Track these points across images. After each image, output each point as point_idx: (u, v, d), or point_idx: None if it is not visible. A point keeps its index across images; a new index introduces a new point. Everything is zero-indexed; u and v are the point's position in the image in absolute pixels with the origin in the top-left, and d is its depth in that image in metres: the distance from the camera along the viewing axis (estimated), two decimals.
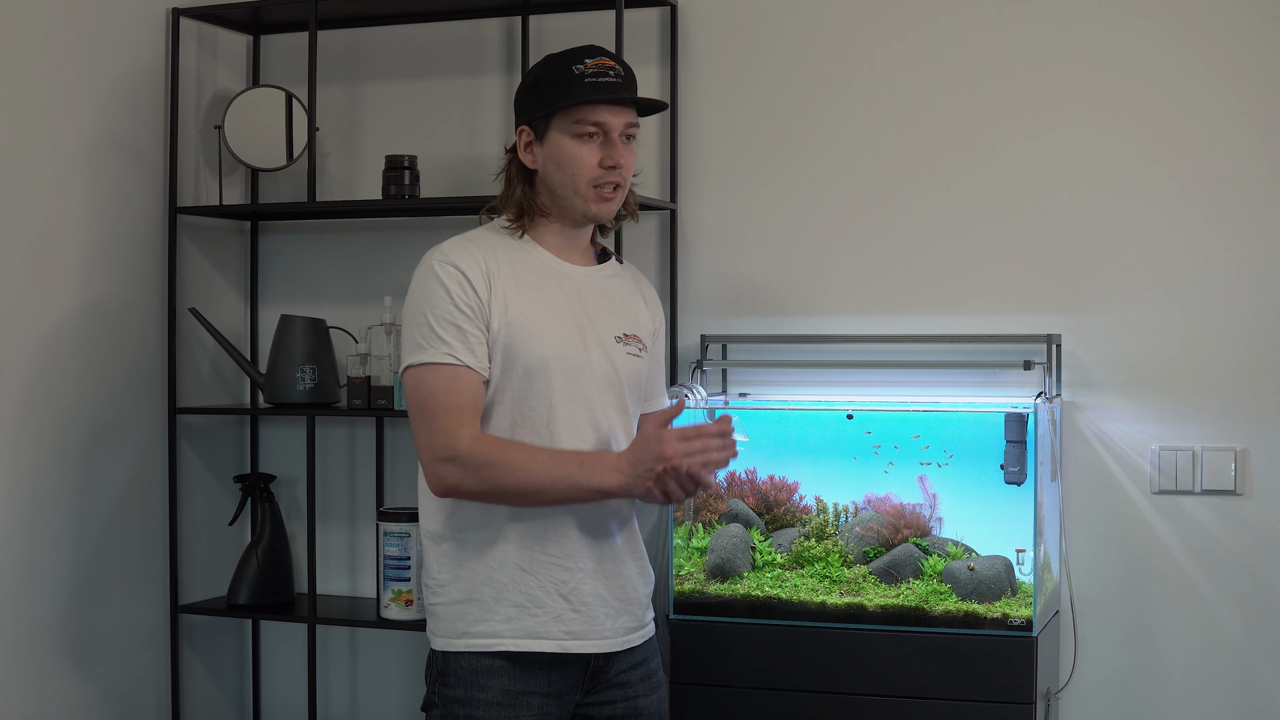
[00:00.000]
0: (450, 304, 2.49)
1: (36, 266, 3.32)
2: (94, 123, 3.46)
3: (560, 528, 2.55)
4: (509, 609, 2.52)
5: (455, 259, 2.52)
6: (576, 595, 2.55)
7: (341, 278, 3.81)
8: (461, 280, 2.50)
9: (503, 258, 2.56)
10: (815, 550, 3.19)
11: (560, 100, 2.54)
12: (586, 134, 2.55)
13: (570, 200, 2.58)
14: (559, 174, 2.57)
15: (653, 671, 2.68)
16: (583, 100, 2.53)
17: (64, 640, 3.39)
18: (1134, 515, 3.29)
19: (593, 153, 2.56)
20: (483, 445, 2.45)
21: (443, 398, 2.47)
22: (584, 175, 2.56)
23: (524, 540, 2.53)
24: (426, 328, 2.49)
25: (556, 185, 2.58)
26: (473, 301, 2.50)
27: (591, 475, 2.44)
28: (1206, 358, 3.25)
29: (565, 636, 2.54)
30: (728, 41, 3.55)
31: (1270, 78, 3.21)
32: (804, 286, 3.49)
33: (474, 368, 2.49)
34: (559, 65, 2.58)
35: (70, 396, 3.40)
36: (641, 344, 2.68)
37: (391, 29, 3.79)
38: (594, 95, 2.54)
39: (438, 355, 2.48)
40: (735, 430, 2.47)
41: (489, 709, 2.51)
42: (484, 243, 2.58)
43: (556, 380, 2.53)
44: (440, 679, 2.56)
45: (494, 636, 2.52)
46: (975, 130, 3.39)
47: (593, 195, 2.57)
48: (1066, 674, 3.31)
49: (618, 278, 2.72)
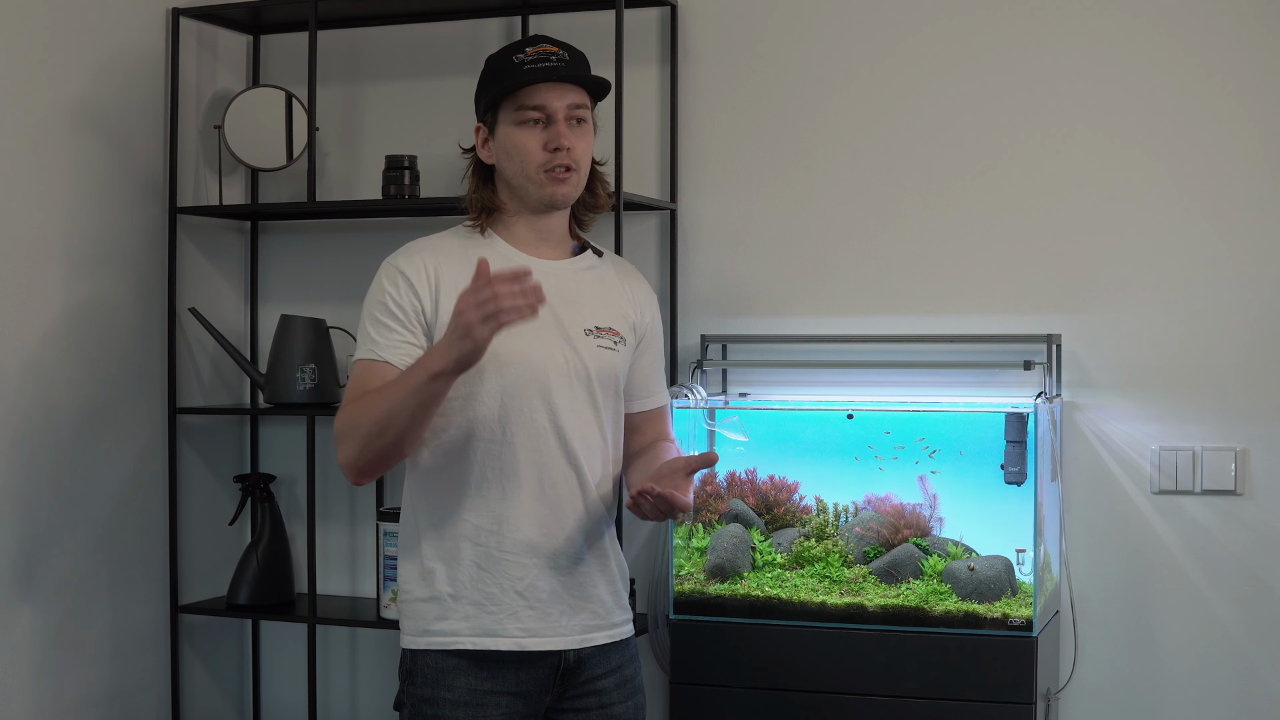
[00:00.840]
0: (383, 304, 2.54)
1: (36, 266, 3.32)
2: (94, 122, 3.46)
3: (516, 525, 2.54)
4: (467, 607, 2.53)
5: (400, 263, 2.57)
6: (532, 592, 2.54)
7: (341, 278, 3.81)
8: (399, 282, 2.55)
9: (457, 258, 2.57)
10: (815, 550, 3.19)
11: (500, 89, 2.56)
12: (530, 119, 2.55)
13: (525, 188, 2.59)
14: (509, 163, 2.58)
15: (629, 678, 2.66)
16: (519, 84, 2.54)
17: (64, 640, 3.39)
18: (1134, 515, 3.29)
19: (536, 137, 2.56)
20: (343, 413, 2.49)
21: (353, 389, 2.52)
22: (531, 160, 2.56)
23: (480, 538, 2.54)
24: (364, 326, 2.56)
25: (510, 175, 2.59)
26: (406, 303, 2.53)
27: (417, 369, 2.39)
28: (1206, 358, 3.25)
29: (522, 634, 2.54)
30: (728, 41, 3.55)
31: (1270, 78, 3.21)
32: (804, 286, 3.49)
33: (391, 362, 2.51)
34: (500, 58, 2.60)
35: (70, 396, 3.40)
36: (619, 337, 2.65)
37: (391, 29, 3.79)
38: (530, 78, 2.54)
39: (364, 351, 2.55)
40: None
41: (456, 709, 2.51)
42: (439, 246, 2.61)
43: (508, 375, 2.53)
44: (409, 678, 2.57)
45: (453, 635, 2.53)
46: (975, 130, 3.39)
47: (544, 179, 2.57)
48: (1066, 674, 3.31)
49: (594, 270, 2.69)
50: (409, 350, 2.51)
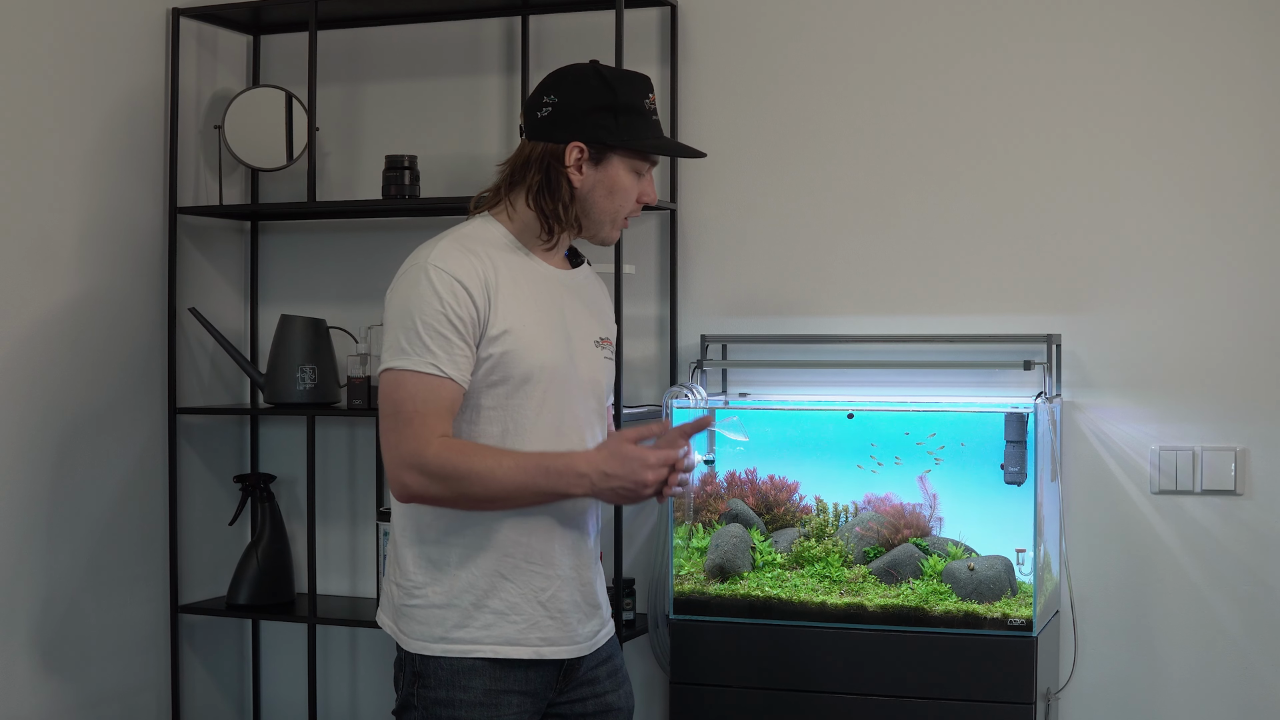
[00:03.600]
0: (442, 314, 2.44)
1: (36, 266, 3.32)
2: (94, 123, 3.46)
3: (542, 534, 2.53)
4: (488, 615, 2.51)
5: (453, 268, 2.47)
6: (554, 602, 2.54)
7: (341, 278, 3.81)
8: (458, 291, 2.45)
9: (500, 263, 2.52)
10: (815, 550, 3.19)
11: (636, 139, 2.53)
12: (642, 171, 2.57)
13: (601, 224, 2.57)
14: (607, 201, 2.55)
15: (618, 667, 2.68)
16: (658, 150, 2.57)
17: (64, 640, 3.39)
18: (1134, 515, 3.29)
19: (637, 186, 2.57)
20: (449, 454, 2.43)
21: (420, 404, 2.44)
22: (625, 207, 2.57)
23: (505, 547, 2.52)
24: (413, 333, 2.45)
25: (597, 210, 2.55)
26: (465, 314, 2.45)
27: (556, 483, 2.45)
28: (1206, 358, 3.25)
29: (541, 643, 2.53)
30: (728, 41, 3.55)
31: (1270, 78, 3.21)
32: (804, 286, 3.49)
33: (456, 380, 2.46)
34: (629, 94, 2.53)
35: (70, 396, 3.40)
36: (611, 346, 2.68)
37: (391, 29, 3.79)
38: (668, 149, 2.60)
39: (421, 364, 2.44)
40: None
41: (472, 709, 2.50)
42: (480, 247, 2.52)
43: (547, 389, 2.52)
44: (418, 680, 2.54)
45: (473, 643, 2.51)
46: (975, 130, 3.39)
47: (619, 224, 2.59)
48: (1066, 674, 3.31)
49: (590, 281, 2.70)
50: (468, 364, 2.47)
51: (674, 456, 2.45)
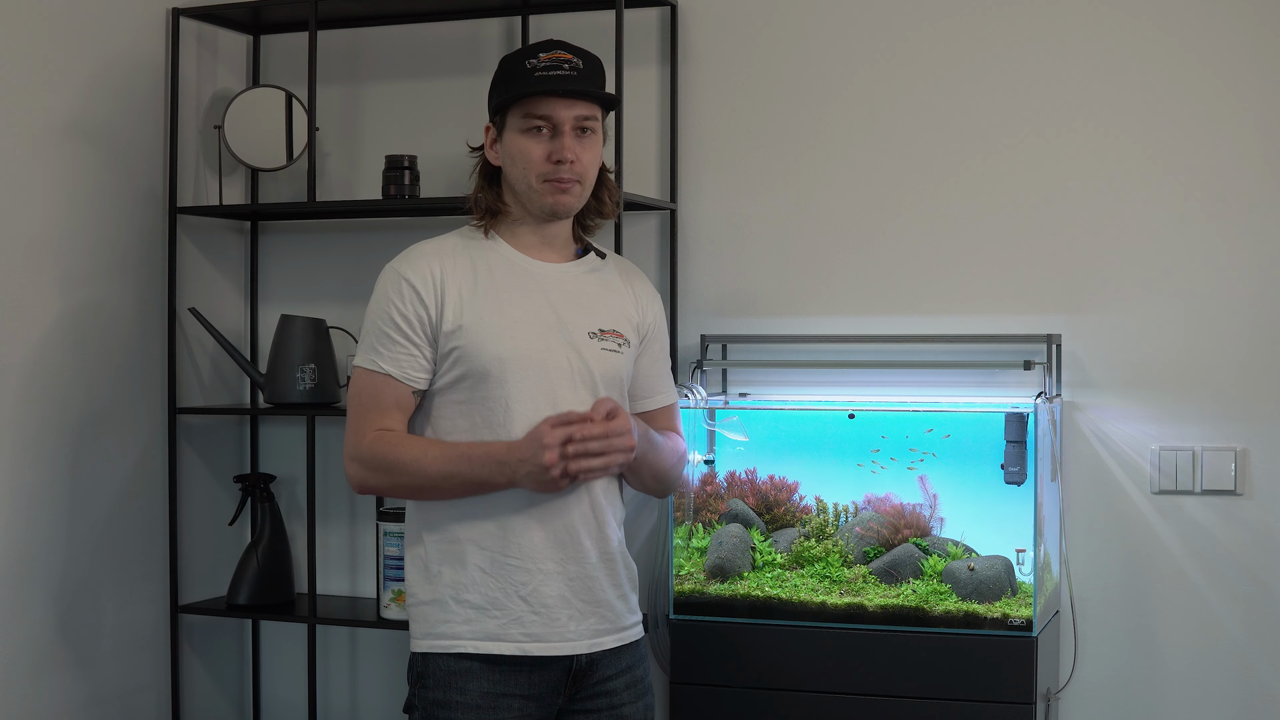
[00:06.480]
0: (388, 314, 2.56)
1: (35, 266, 3.32)
2: (94, 122, 3.46)
3: (522, 529, 2.54)
4: (469, 611, 2.54)
5: (406, 270, 2.58)
6: (536, 597, 2.54)
7: (341, 278, 3.81)
8: (404, 291, 2.56)
9: (463, 262, 2.58)
10: (815, 550, 3.19)
11: (510, 95, 2.56)
12: (534, 128, 2.55)
13: (528, 195, 2.59)
14: (513, 169, 2.59)
15: (639, 679, 2.66)
16: (527, 93, 2.53)
17: (64, 640, 3.39)
18: (1134, 515, 3.29)
19: (541, 146, 2.56)
20: (380, 445, 2.53)
21: (365, 399, 2.56)
22: (533, 169, 2.56)
23: (485, 542, 2.54)
24: (368, 332, 2.59)
25: (514, 181, 2.60)
26: (413, 314, 2.55)
27: (479, 471, 2.50)
28: (1206, 358, 3.25)
29: (525, 639, 2.53)
30: (728, 41, 3.55)
31: (1270, 78, 3.21)
32: (804, 286, 3.49)
33: (396, 377, 2.55)
34: (513, 61, 2.59)
35: (70, 396, 3.40)
36: (623, 339, 2.65)
37: (391, 29, 3.79)
38: (538, 88, 2.53)
39: (366, 361, 2.57)
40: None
41: (468, 712, 2.51)
42: (443, 249, 2.61)
43: (514, 380, 2.53)
44: (420, 680, 2.57)
45: (454, 638, 2.54)
46: (975, 130, 3.39)
47: (545, 188, 2.57)
48: (1066, 674, 3.31)
49: (597, 273, 2.70)
50: (413, 364, 2.55)
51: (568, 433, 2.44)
